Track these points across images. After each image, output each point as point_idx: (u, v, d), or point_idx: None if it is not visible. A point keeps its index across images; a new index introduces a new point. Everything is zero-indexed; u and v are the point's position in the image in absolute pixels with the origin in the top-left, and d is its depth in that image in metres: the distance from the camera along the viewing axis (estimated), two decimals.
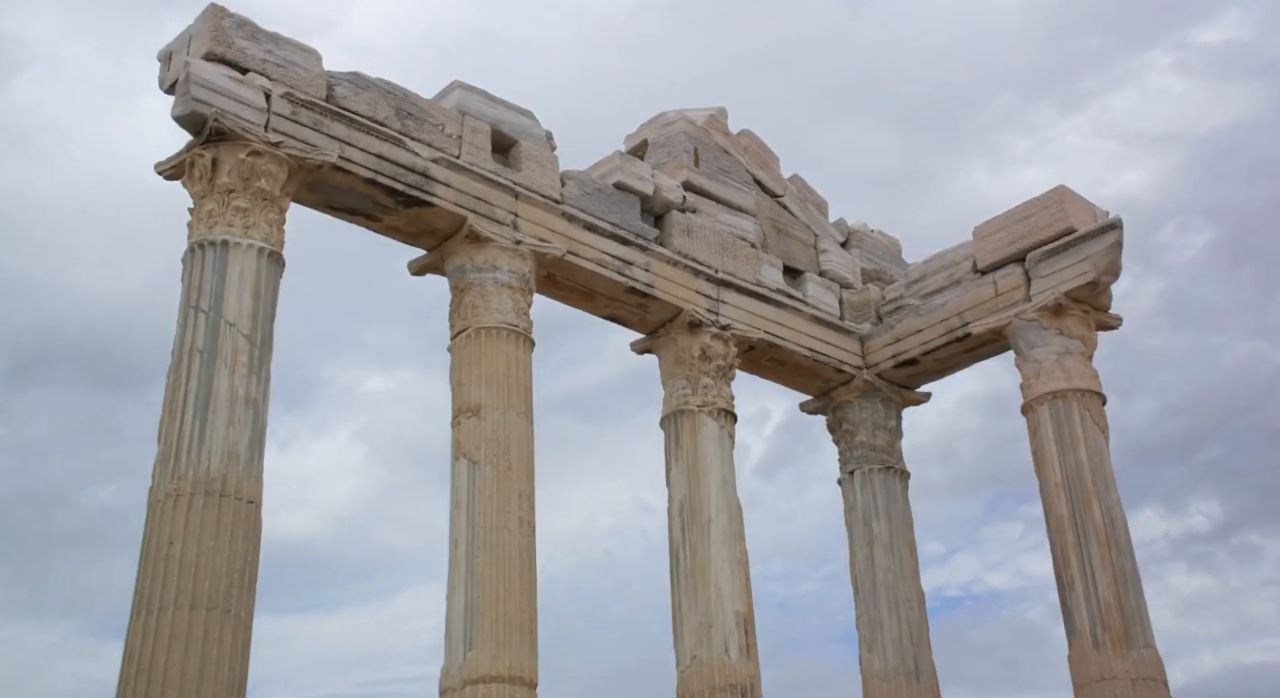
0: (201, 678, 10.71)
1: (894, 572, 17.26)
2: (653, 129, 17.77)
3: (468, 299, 14.46)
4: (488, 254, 14.57)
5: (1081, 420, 15.87)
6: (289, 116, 13.28)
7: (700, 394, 16.16)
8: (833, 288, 18.54)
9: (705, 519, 15.47)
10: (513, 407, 13.95)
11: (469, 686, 12.51)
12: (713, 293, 16.69)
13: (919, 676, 16.74)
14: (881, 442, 18.11)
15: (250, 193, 12.82)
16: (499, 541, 13.17)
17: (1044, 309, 16.40)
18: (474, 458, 13.62)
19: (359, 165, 13.77)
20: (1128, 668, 14.56)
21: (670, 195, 16.79)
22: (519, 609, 12.96)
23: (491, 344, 14.17)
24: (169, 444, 11.71)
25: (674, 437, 16.17)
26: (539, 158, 15.51)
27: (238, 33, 13.31)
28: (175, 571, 11.04)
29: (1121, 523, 15.46)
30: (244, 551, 11.43)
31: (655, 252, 16.25)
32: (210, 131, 12.73)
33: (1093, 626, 14.92)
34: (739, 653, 14.82)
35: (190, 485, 11.42)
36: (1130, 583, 15.12)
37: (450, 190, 14.45)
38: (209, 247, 12.54)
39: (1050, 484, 15.85)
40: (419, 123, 14.49)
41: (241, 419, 11.90)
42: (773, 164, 18.77)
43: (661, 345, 16.72)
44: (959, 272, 17.75)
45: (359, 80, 14.20)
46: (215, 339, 12.11)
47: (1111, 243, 16.12)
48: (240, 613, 11.20)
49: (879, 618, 17.05)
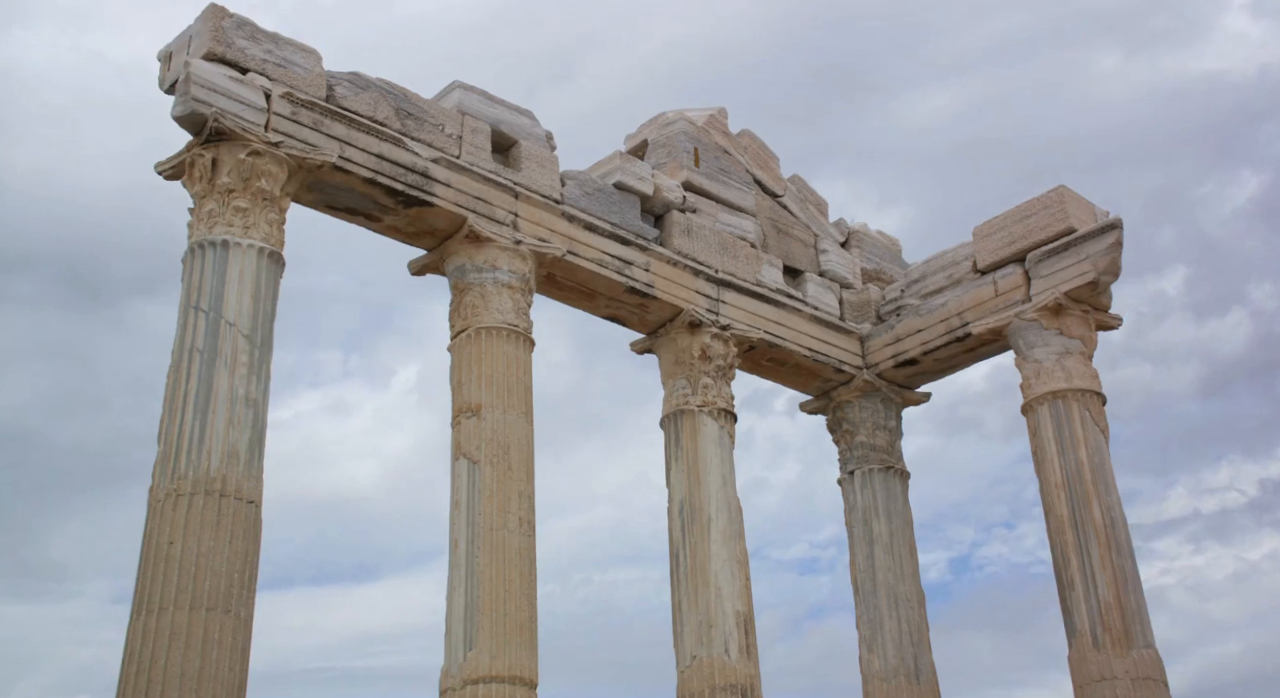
0: (201, 678, 10.72)
1: (894, 572, 17.28)
2: (653, 129, 17.77)
3: (468, 299, 14.47)
4: (488, 254, 14.58)
5: (1081, 420, 15.88)
6: (289, 116, 13.29)
7: (700, 394, 16.17)
8: (833, 288, 18.55)
9: (705, 519, 15.49)
10: (513, 407, 13.96)
11: (469, 686, 12.53)
12: (713, 293, 16.69)
13: (919, 676, 16.75)
14: (881, 442, 18.12)
15: (250, 193, 12.83)
16: (499, 541, 13.19)
17: (1044, 309, 16.41)
18: (474, 458, 13.63)
19: (359, 165, 13.77)
20: (1128, 668, 14.58)
21: (670, 195, 16.79)
22: (519, 609, 12.97)
23: (492, 344, 14.18)
24: (169, 444, 11.72)
25: (674, 437, 16.18)
26: (539, 158, 15.52)
27: (238, 33, 13.32)
28: (175, 571, 11.06)
29: (1121, 523, 15.47)
30: (244, 551, 11.45)
31: (655, 252, 16.25)
32: (210, 131, 12.73)
33: (1093, 626, 14.93)
34: (739, 653, 14.83)
35: (190, 485, 11.43)
36: (1130, 583, 15.13)
37: (450, 190, 14.45)
38: (209, 246, 12.55)
39: (1050, 484, 15.86)
40: (419, 123, 14.50)
41: (241, 419, 11.92)
42: (773, 164, 18.77)
43: (661, 345, 16.72)
44: (959, 272, 17.76)
45: (359, 80, 14.21)
46: (215, 339, 12.12)
47: (1111, 243, 16.12)
48: (240, 613, 11.21)
49: (879, 618, 17.06)
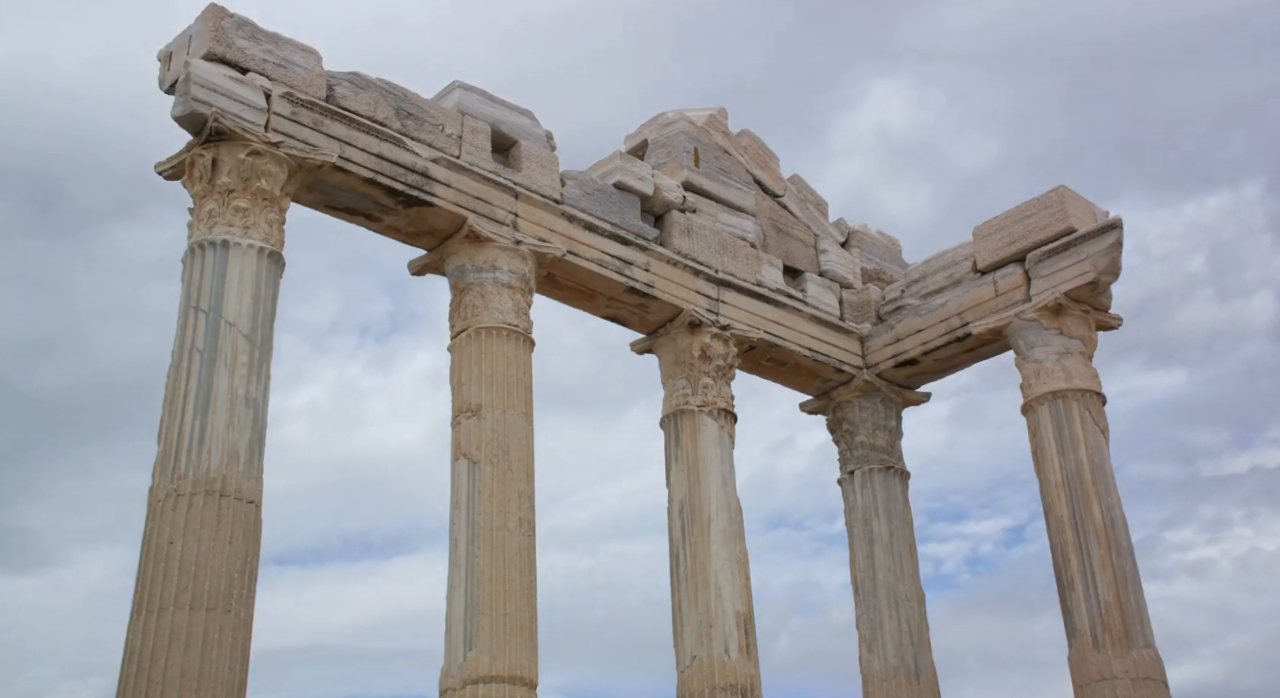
0: (201, 678, 10.72)
1: (894, 572, 17.28)
2: (653, 129, 17.77)
3: (468, 299, 14.47)
4: (488, 254, 14.58)
5: (1081, 420, 15.87)
6: (289, 116, 13.29)
7: (700, 394, 16.17)
8: (833, 288, 18.55)
9: (705, 519, 15.49)
10: (513, 407, 13.96)
11: (469, 686, 12.53)
12: (713, 293, 16.69)
13: (919, 676, 16.75)
14: (882, 442, 18.12)
15: (250, 193, 12.83)
16: (499, 541, 13.19)
17: (1044, 309, 16.40)
18: (474, 458, 13.63)
19: (359, 165, 13.77)
20: (1128, 668, 14.58)
21: (670, 195, 16.79)
22: (519, 609, 12.97)
23: (492, 344, 14.17)
24: (169, 444, 11.72)
25: (674, 437, 16.18)
26: (539, 158, 15.51)
27: (238, 33, 13.32)
28: (175, 571, 11.06)
29: (1121, 523, 15.47)
30: (244, 551, 11.45)
31: (655, 252, 16.25)
32: (210, 131, 12.73)
33: (1093, 626, 14.93)
34: (739, 653, 14.82)
35: (190, 485, 11.43)
36: (1130, 583, 15.13)
37: (450, 190, 14.45)
38: (209, 247, 12.55)
39: (1050, 484, 15.85)
40: (419, 123, 14.50)
41: (241, 419, 11.92)
42: (773, 164, 18.77)
43: (661, 345, 16.72)
44: (959, 272, 17.76)
45: (359, 80, 14.21)
46: (215, 339, 12.12)
47: (1111, 243, 16.12)
48: (240, 613, 11.21)
49: (879, 618, 17.06)
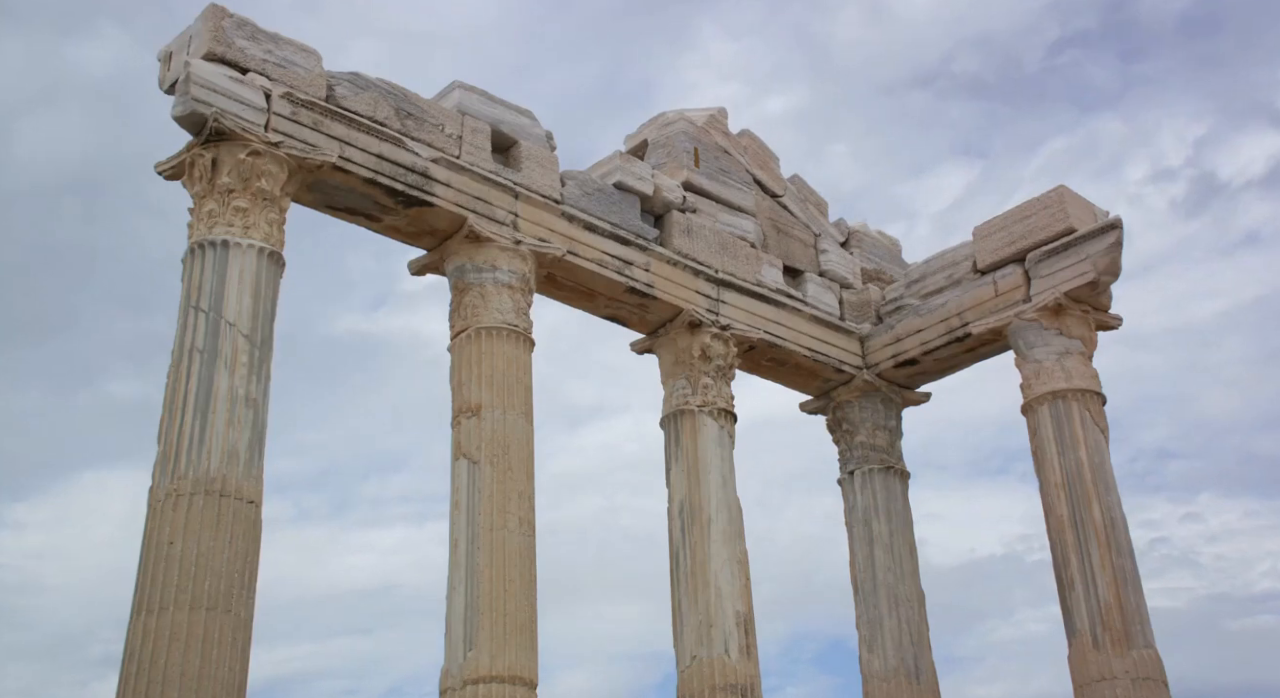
0: (201, 678, 10.72)
1: (894, 572, 17.28)
2: (653, 129, 17.77)
3: (468, 299, 14.46)
4: (488, 254, 14.58)
5: (1081, 420, 15.87)
6: (289, 116, 13.29)
7: (700, 394, 16.16)
8: (833, 288, 18.54)
9: (705, 519, 15.48)
10: (513, 407, 13.96)
11: (469, 686, 12.53)
12: (713, 293, 16.69)
13: (919, 676, 16.75)
14: (881, 442, 18.12)
15: (250, 193, 12.83)
16: (499, 541, 13.18)
17: (1044, 309, 16.40)
18: (474, 458, 13.63)
19: (359, 165, 13.77)
20: (1128, 668, 14.57)
21: (670, 195, 16.79)
22: (519, 609, 12.97)
23: (492, 344, 14.17)
24: (169, 444, 11.72)
25: (674, 437, 16.18)
26: (539, 158, 15.51)
27: (238, 33, 13.32)
28: (175, 570, 11.06)
29: (1121, 523, 15.47)
30: (244, 551, 11.45)
31: (655, 252, 16.25)
32: (210, 131, 12.73)
33: (1093, 626, 14.92)
34: (739, 653, 14.82)
35: (190, 485, 11.43)
36: (1130, 583, 15.13)
37: (450, 190, 14.45)
38: (209, 246, 12.55)
39: (1050, 484, 15.85)
40: (419, 123, 14.50)
41: (241, 419, 11.92)
42: (773, 164, 18.77)
43: (661, 345, 16.72)
44: (959, 272, 17.75)
45: (359, 80, 14.21)
46: (215, 339, 12.13)
47: (1111, 243, 16.11)
48: (240, 613, 11.22)
49: (879, 618, 17.06)
